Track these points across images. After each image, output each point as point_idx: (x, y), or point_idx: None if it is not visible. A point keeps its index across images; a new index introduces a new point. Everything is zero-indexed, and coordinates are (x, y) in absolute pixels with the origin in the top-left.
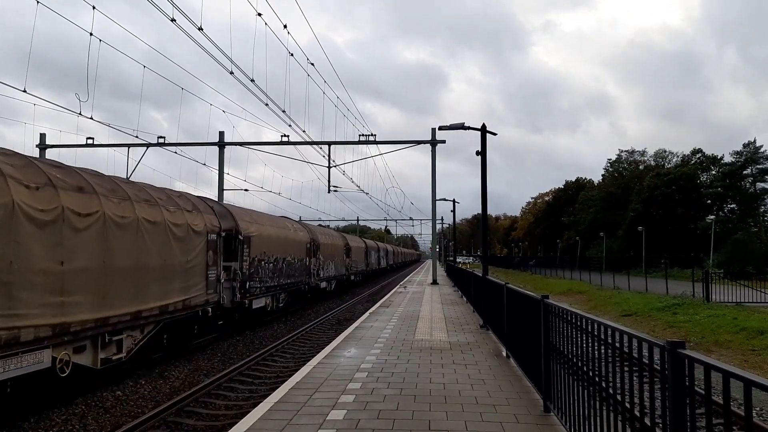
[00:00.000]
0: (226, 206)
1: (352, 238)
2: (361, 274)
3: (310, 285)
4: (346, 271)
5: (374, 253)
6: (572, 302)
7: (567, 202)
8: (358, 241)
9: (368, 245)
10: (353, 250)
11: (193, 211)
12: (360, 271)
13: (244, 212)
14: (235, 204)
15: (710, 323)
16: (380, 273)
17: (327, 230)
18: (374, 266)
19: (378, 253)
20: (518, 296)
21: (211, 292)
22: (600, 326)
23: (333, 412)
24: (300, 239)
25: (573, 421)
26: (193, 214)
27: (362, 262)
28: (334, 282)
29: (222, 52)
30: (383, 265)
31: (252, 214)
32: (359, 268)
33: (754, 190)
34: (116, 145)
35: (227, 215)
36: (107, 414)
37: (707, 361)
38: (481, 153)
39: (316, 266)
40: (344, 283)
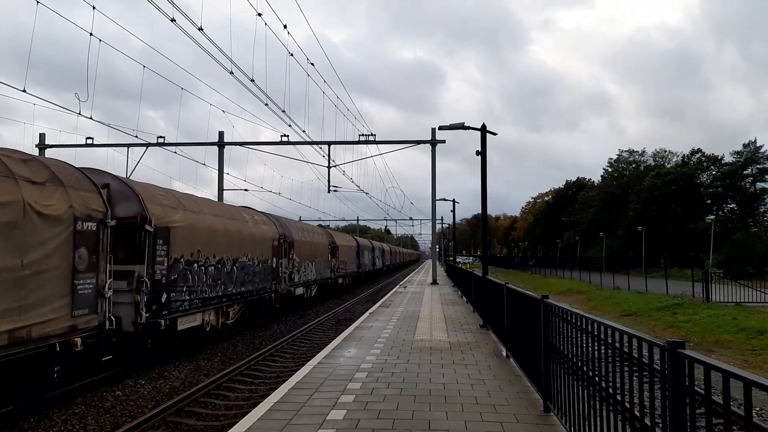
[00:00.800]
0: (128, 182)
1: (341, 235)
2: (351, 276)
3: (278, 292)
4: (332, 273)
5: (368, 253)
6: (572, 302)
7: (567, 202)
8: (348, 239)
9: (360, 244)
10: (341, 249)
11: (47, 184)
12: (350, 274)
13: (161, 193)
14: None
15: (710, 323)
16: (375, 275)
17: (307, 225)
18: (368, 267)
19: (372, 252)
20: (518, 296)
21: (84, 313)
22: (600, 326)
23: (333, 412)
24: (263, 235)
25: (573, 421)
26: (46, 189)
27: (353, 262)
28: (315, 287)
29: (222, 52)
30: (379, 266)
31: (180, 197)
32: (349, 270)
33: (754, 190)
34: (116, 145)
35: (128, 196)
36: (107, 414)
37: (707, 361)
38: (481, 153)
39: (289, 268)
40: (329, 289)
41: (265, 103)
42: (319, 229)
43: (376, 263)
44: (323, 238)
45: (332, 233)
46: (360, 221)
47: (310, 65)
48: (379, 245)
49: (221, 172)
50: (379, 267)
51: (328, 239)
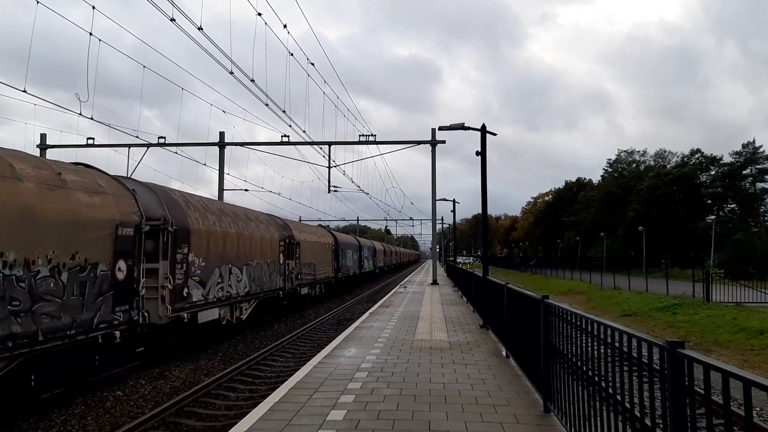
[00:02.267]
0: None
1: (309, 228)
2: (324, 284)
3: (149, 325)
4: (287, 282)
5: (352, 253)
6: (572, 302)
7: (567, 203)
8: (321, 235)
9: (340, 241)
10: (307, 247)
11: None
12: (323, 280)
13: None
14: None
15: (710, 323)
16: (365, 279)
17: (240, 209)
18: (352, 270)
19: (360, 252)
20: (518, 296)
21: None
22: (600, 326)
23: (333, 412)
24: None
25: (573, 421)
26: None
27: (327, 265)
28: (254, 302)
29: (222, 53)
30: (368, 269)
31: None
32: (321, 275)
33: (754, 190)
34: (117, 145)
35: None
36: (107, 414)
37: (707, 361)
38: (481, 153)
39: (184, 275)
40: (281, 303)
41: (266, 104)
42: (268, 217)
43: (364, 265)
44: (269, 231)
45: (291, 224)
46: (360, 221)
47: (311, 65)
48: (369, 243)
49: (222, 172)
50: (368, 269)
51: (279, 233)
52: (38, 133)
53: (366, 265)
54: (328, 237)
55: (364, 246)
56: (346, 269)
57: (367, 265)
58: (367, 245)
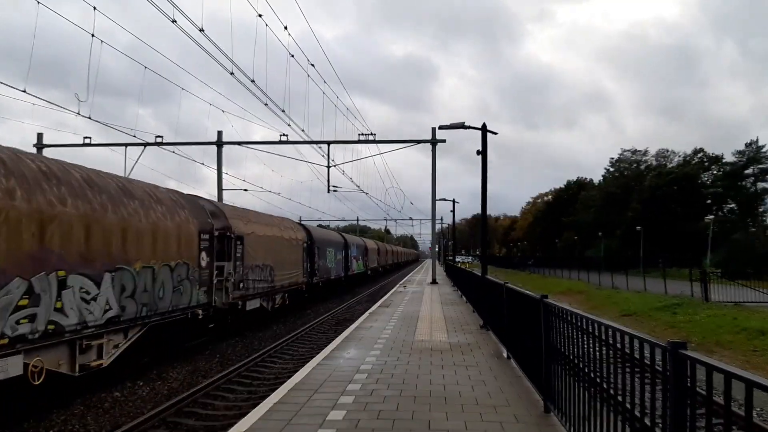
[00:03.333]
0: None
1: (262, 218)
2: (290, 292)
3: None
4: (215, 295)
5: (335, 252)
6: (572, 302)
7: (567, 202)
8: (285, 228)
9: (316, 237)
10: (258, 243)
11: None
12: (288, 287)
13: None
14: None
15: (710, 323)
16: (354, 282)
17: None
18: (334, 273)
19: (346, 251)
20: (518, 296)
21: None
22: (600, 326)
23: (333, 413)
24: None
25: (573, 421)
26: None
27: (296, 267)
28: (137, 332)
29: (222, 53)
30: (358, 270)
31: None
32: (285, 281)
33: (755, 190)
34: (114, 144)
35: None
36: (106, 414)
37: (709, 362)
38: (481, 153)
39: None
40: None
41: (265, 103)
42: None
43: (352, 266)
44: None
45: (224, 209)
46: (360, 221)
47: (311, 66)
48: (358, 241)
49: (220, 171)
50: (358, 271)
51: (201, 220)
52: (32, 131)
53: (355, 267)
54: (296, 231)
55: (351, 244)
56: (325, 272)
57: (356, 266)
58: (356, 243)
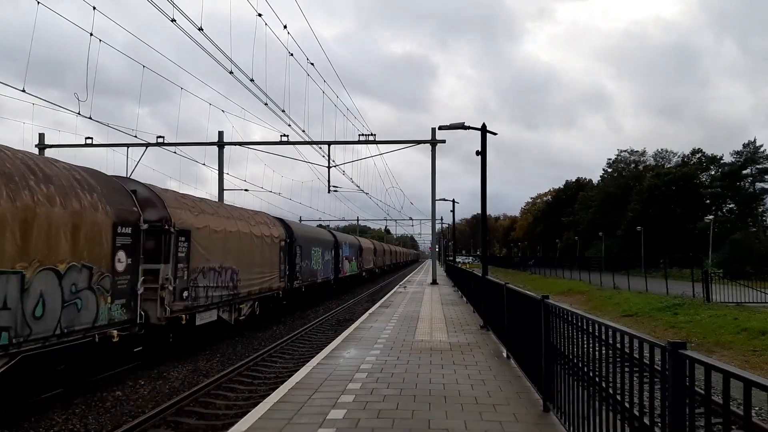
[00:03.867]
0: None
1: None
2: (261, 299)
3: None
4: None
5: (322, 252)
6: (572, 302)
7: (566, 202)
8: (256, 223)
9: (298, 234)
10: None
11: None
12: (258, 294)
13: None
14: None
15: (711, 324)
16: (346, 286)
17: None
18: (321, 275)
19: (336, 250)
20: (518, 296)
21: None
22: (601, 327)
23: (333, 412)
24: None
25: (573, 420)
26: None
27: (270, 269)
28: None
29: (222, 52)
30: (351, 272)
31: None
32: (254, 286)
33: (753, 190)
34: (115, 145)
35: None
36: (107, 413)
37: (708, 362)
38: (481, 153)
39: None
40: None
41: (265, 103)
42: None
43: (343, 268)
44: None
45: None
46: (360, 221)
47: (310, 65)
48: (350, 240)
49: (221, 172)
50: (351, 273)
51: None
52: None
53: (347, 268)
54: (272, 227)
55: (343, 243)
56: (309, 274)
57: (348, 267)
58: (348, 242)
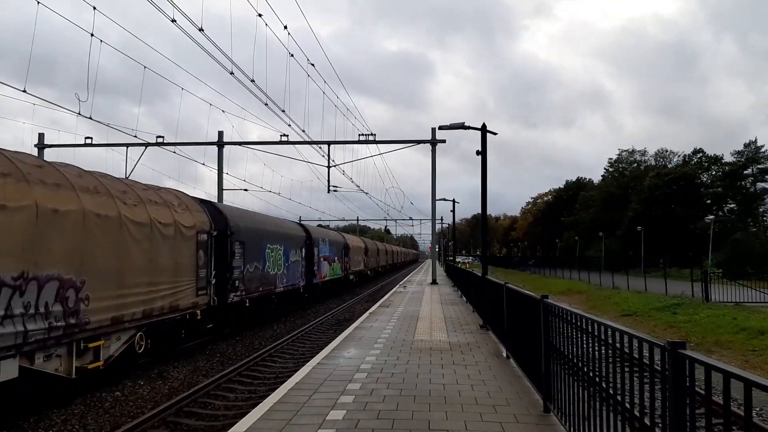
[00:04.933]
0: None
1: (95, 184)
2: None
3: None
4: None
5: (283, 252)
6: (572, 302)
7: (567, 202)
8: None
9: (237, 224)
10: (70, 229)
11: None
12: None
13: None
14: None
15: (710, 323)
16: (326, 293)
17: None
18: (285, 282)
19: (308, 249)
20: (518, 296)
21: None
22: (600, 326)
23: (332, 412)
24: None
25: (573, 421)
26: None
27: (181, 277)
28: None
29: (222, 53)
30: (332, 275)
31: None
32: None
33: (754, 190)
34: (115, 145)
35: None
36: (106, 414)
37: (708, 362)
38: (481, 153)
39: None
40: None
41: (265, 103)
42: None
43: (321, 271)
44: None
45: None
46: (360, 221)
47: (311, 65)
48: (333, 236)
49: (221, 172)
50: (333, 277)
51: None
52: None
53: (326, 271)
54: (179, 210)
55: (318, 239)
56: (260, 283)
57: (328, 270)
58: (329, 239)
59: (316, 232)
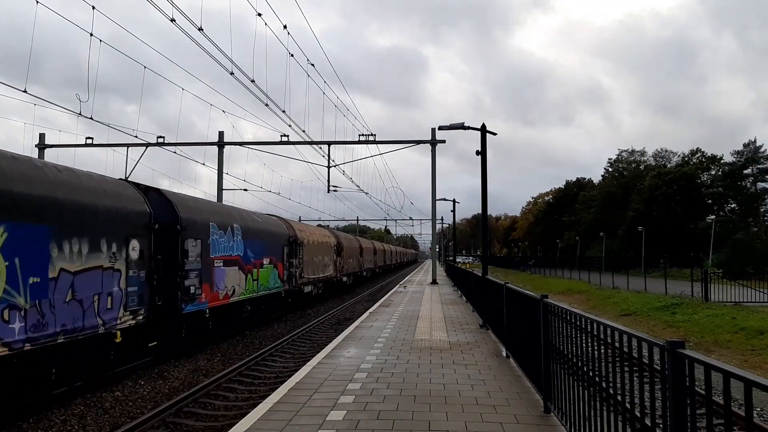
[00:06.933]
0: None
1: None
2: None
3: None
4: None
5: (83, 242)
6: (571, 302)
7: (567, 202)
8: None
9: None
10: None
11: None
12: None
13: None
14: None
15: (709, 323)
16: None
17: None
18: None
19: (144, 241)
20: (518, 296)
21: None
22: (600, 326)
23: (333, 413)
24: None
25: (573, 421)
26: None
27: None
28: None
29: (222, 53)
30: (244, 293)
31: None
32: None
33: (755, 190)
34: (115, 145)
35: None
36: (106, 414)
37: (707, 361)
38: (481, 153)
39: None
40: None
41: (266, 104)
42: None
43: (216, 286)
44: None
45: None
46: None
47: (311, 65)
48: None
49: (221, 172)
50: (253, 294)
51: None
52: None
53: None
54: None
55: (201, 223)
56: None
57: (237, 283)
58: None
59: (194, 206)
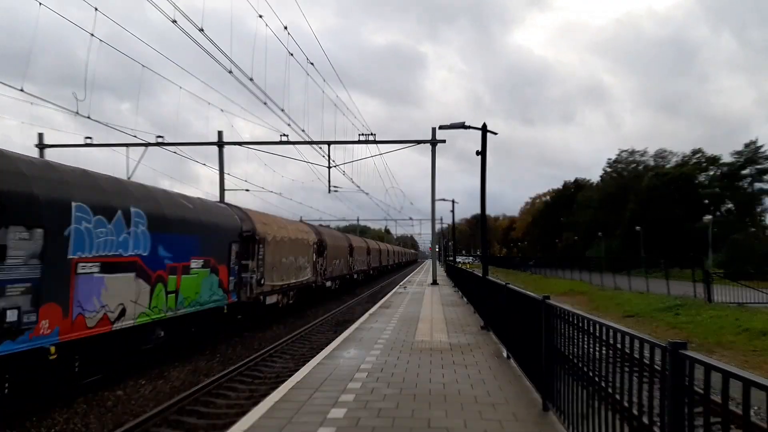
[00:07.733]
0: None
1: None
2: None
3: None
4: None
5: None
6: (574, 303)
7: (566, 203)
8: None
9: None
10: None
11: None
12: None
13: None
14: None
15: (713, 324)
16: None
17: None
18: None
19: None
20: (519, 297)
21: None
22: (602, 328)
23: (333, 411)
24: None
25: (571, 419)
26: None
27: None
28: None
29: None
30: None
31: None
32: None
33: (752, 191)
34: (115, 145)
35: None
36: (109, 413)
37: (707, 362)
38: (481, 153)
39: None
40: None
41: (264, 102)
42: None
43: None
44: None
45: None
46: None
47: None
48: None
49: (222, 172)
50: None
51: None
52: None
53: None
54: None
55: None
56: None
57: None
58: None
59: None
